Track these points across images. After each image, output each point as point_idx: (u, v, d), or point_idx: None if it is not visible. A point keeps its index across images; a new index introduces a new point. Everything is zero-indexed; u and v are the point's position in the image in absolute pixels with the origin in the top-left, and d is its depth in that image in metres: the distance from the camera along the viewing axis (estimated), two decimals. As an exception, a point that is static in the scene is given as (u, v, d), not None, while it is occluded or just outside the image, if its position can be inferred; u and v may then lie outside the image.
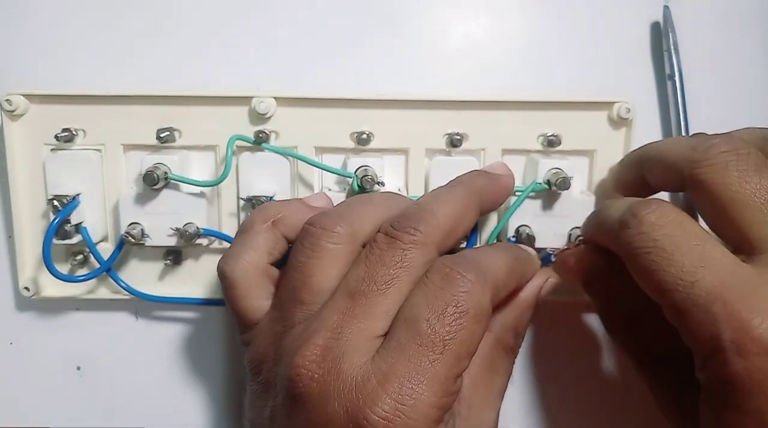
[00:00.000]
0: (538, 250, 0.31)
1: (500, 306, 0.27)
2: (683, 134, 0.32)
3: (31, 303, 0.34)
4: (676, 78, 0.32)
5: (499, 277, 0.25)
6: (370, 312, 0.23)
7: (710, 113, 0.33)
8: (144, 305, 0.34)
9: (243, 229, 0.27)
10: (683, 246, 0.22)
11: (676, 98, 0.32)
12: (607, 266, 0.29)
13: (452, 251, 0.26)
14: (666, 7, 0.32)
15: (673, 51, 0.32)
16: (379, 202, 0.27)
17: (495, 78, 0.33)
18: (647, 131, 0.33)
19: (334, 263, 0.24)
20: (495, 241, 0.32)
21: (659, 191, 0.28)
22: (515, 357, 0.28)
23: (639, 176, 0.28)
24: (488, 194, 0.28)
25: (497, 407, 0.27)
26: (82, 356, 0.35)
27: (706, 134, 0.27)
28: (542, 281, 0.29)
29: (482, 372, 0.26)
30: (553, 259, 0.31)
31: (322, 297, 0.24)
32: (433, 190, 0.28)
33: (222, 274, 0.26)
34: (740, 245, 0.23)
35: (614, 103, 0.31)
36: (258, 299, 0.26)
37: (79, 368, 0.35)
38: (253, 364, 0.26)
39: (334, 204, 0.29)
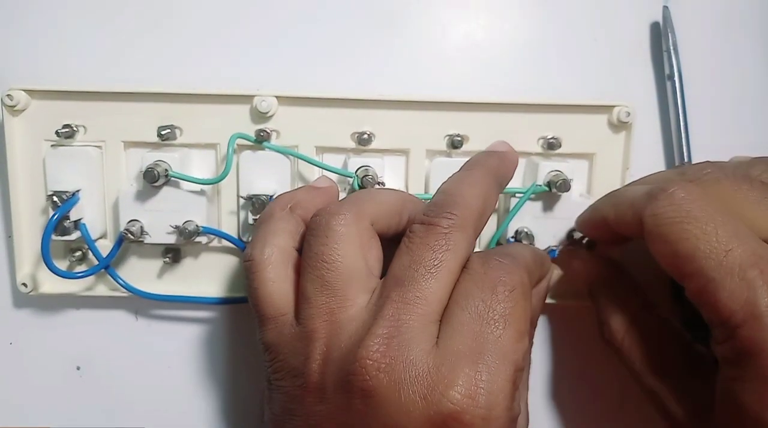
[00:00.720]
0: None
1: None
2: (683, 133, 0.32)
3: (29, 300, 0.34)
4: (676, 78, 0.32)
5: (528, 263, 0.26)
6: (424, 297, 0.23)
7: (710, 113, 0.33)
8: (143, 304, 0.34)
9: (263, 219, 0.28)
10: (717, 218, 0.23)
11: (675, 99, 0.32)
12: (611, 274, 0.29)
13: None
14: (665, 8, 0.32)
15: (672, 51, 0.32)
16: (381, 189, 0.28)
17: (495, 78, 0.33)
18: (647, 131, 0.33)
19: (350, 243, 0.25)
20: (496, 243, 0.32)
21: (620, 236, 0.28)
22: (531, 347, 0.29)
23: (603, 218, 0.28)
24: (503, 171, 0.29)
25: (525, 397, 0.27)
26: (82, 356, 0.35)
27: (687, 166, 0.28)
28: (550, 273, 0.30)
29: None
30: (556, 255, 0.31)
31: (351, 280, 0.24)
32: (451, 176, 0.28)
33: (250, 258, 0.26)
34: None
35: (614, 106, 0.31)
36: (286, 282, 0.26)
37: (79, 368, 0.35)
38: (287, 371, 0.25)
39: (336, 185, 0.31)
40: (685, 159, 0.32)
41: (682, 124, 0.32)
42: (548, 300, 0.33)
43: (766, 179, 0.25)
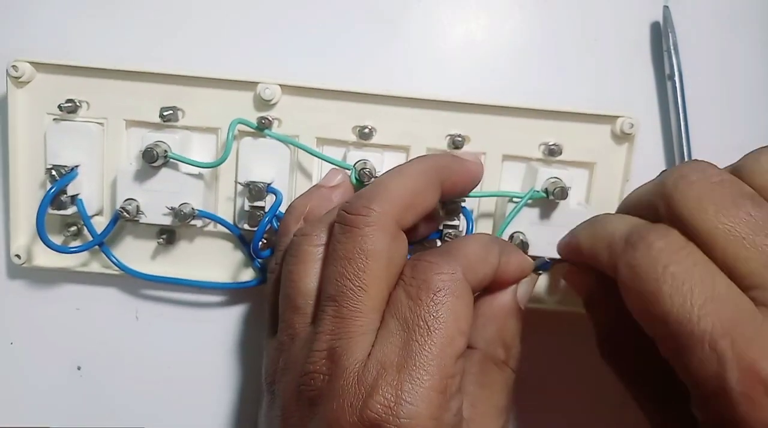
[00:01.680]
0: (532, 258, 0.31)
1: (481, 319, 0.27)
2: (683, 133, 0.32)
3: (23, 273, 0.34)
4: (676, 78, 0.32)
5: (468, 256, 0.24)
6: (357, 310, 0.23)
7: (710, 113, 0.33)
8: (136, 284, 0.34)
9: (281, 232, 0.29)
10: (693, 277, 0.21)
11: (675, 98, 0.32)
12: (605, 288, 0.29)
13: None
14: (666, 7, 0.32)
15: (673, 51, 0.32)
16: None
17: (496, 75, 0.33)
18: (647, 131, 0.33)
19: (317, 264, 0.25)
20: None
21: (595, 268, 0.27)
22: (513, 371, 0.27)
23: (578, 247, 0.27)
24: (451, 173, 0.27)
25: (500, 424, 0.26)
26: (82, 356, 0.35)
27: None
28: (515, 286, 0.28)
29: (477, 389, 0.25)
30: (549, 267, 0.31)
31: (312, 299, 0.25)
32: (391, 168, 0.27)
33: (272, 272, 0.28)
34: (730, 279, 0.21)
35: (618, 117, 0.31)
36: None
37: (79, 368, 0.35)
38: (267, 376, 0.27)
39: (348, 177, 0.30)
40: (685, 158, 0.32)
41: (682, 124, 0.32)
42: (551, 307, 0.33)
43: (761, 188, 0.22)
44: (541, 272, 0.31)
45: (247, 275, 0.33)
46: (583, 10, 0.33)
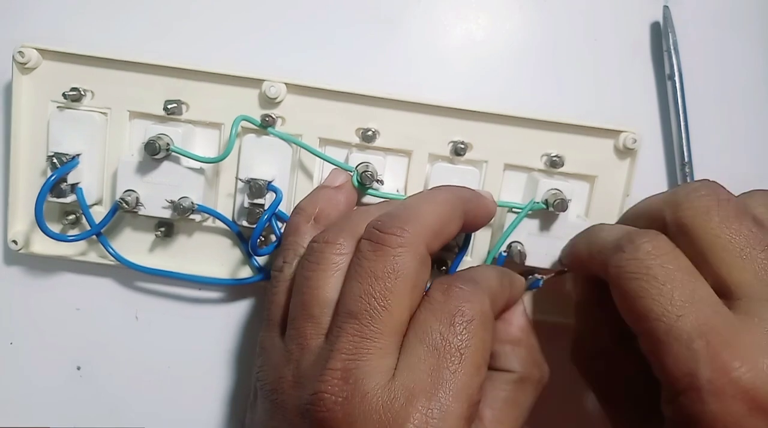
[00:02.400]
0: (528, 271, 0.31)
1: (509, 345, 0.28)
2: (683, 134, 0.32)
3: (19, 259, 0.34)
4: (676, 78, 0.32)
5: (492, 286, 0.25)
6: (379, 331, 0.23)
7: (710, 113, 0.33)
8: (132, 276, 0.34)
9: (290, 232, 0.28)
10: (675, 279, 0.22)
11: (675, 98, 0.32)
12: (593, 298, 0.29)
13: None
14: (666, 7, 0.32)
15: (673, 51, 0.32)
16: (377, 211, 0.27)
17: (495, 74, 0.33)
18: (647, 131, 0.33)
19: (338, 273, 0.25)
20: (492, 260, 0.31)
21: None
22: (543, 387, 0.28)
23: (578, 256, 0.28)
24: (472, 206, 0.28)
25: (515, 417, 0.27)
26: (82, 356, 0.35)
27: (687, 183, 0.27)
28: (522, 307, 0.29)
29: (506, 408, 0.26)
30: (541, 284, 0.31)
31: (330, 309, 0.24)
32: (415, 193, 0.28)
33: (279, 269, 0.28)
34: (719, 288, 0.23)
35: (621, 132, 0.31)
36: None
37: (79, 368, 0.35)
38: (268, 382, 0.25)
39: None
40: (685, 158, 0.32)
41: (682, 124, 0.32)
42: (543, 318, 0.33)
43: (762, 215, 0.24)
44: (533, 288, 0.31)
45: (244, 272, 0.33)
46: (583, 10, 0.33)
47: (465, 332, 0.23)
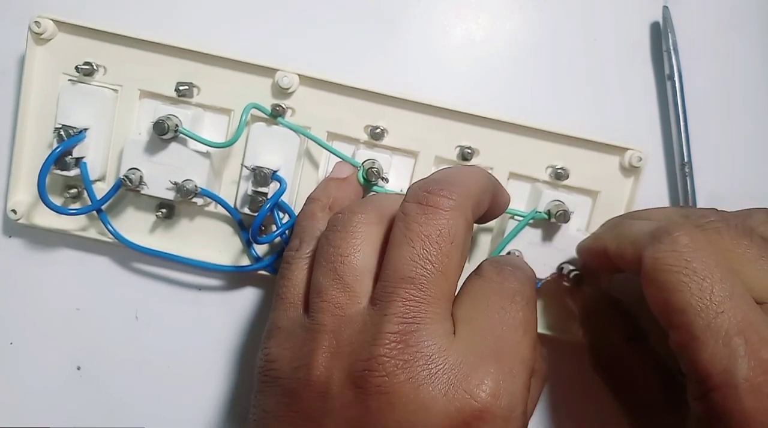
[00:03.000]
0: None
1: None
2: (682, 134, 0.32)
3: (18, 230, 0.34)
4: (676, 78, 0.32)
5: (533, 279, 0.26)
6: (436, 296, 0.23)
7: (710, 113, 0.33)
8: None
9: (305, 216, 0.29)
10: (716, 273, 0.22)
11: (675, 99, 0.32)
12: (597, 306, 0.29)
13: None
14: (665, 8, 0.32)
15: (672, 51, 0.32)
16: (399, 197, 0.27)
17: (495, 77, 0.33)
18: (648, 129, 0.33)
19: (368, 242, 0.24)
20: None
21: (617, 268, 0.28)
22: (545, 382, 0.29)
23: (604, 249, 0.28)
24: (499, 190, 0.27)
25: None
26: (82, 356, 0.35)
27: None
28: None
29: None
30: (539, 287, 0.31)
31: (362, 276, 0.24)
32: (447, 167, 0.28)
33: (293, 250, 0.27)
34: None
35: (627, 149, 0.31)
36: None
37: (79, 368, 0.35)
38: (287, 362, 0.24)
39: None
40: (685, 159, 0.32)
41: (682, 124, 0.32)
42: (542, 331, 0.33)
43: (765, 233, 0.25)
44: None
45: (243, 261, 0.33)
46: (583, 10, 0.33)
47: (525, 308, 0.24)
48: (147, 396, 0.35)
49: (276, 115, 0.31)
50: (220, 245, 0.33)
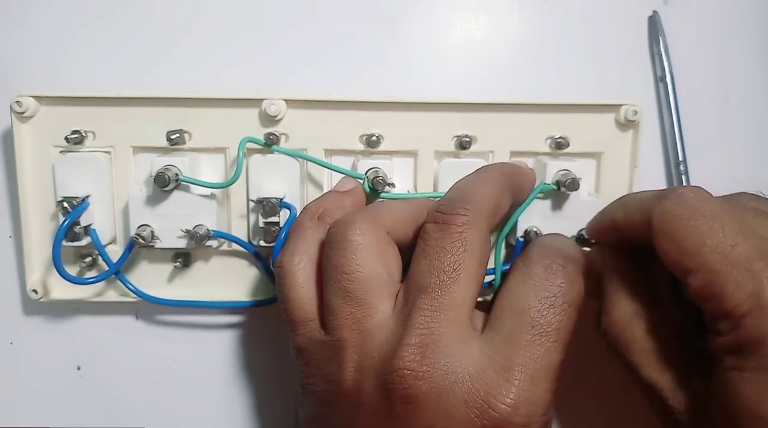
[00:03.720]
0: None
1: None
2: (676, 134, 0.33)
3: (36, 305, 0.34)
4: (668, 80, 0.33)
5: (584, 270, 0.26)
6: (449, 303, 0.23)
7: (710, 113, 0.34)
8: (152, 308, 0.34)
9: (294, 228, 0.29)
10: (724, 216, 0.23)
11: (668, 99, 0.33)
12: (625, 265, 0.29)
13: None
14: (654, 12, 0.33)
15: (663, 54, 0.33)
16: (395, 201, 0.28)
17: (495, 77, 0.33)
18: (648, 129, 0.33)
19: (368, 252, 0.25)
20: (503, 241, 0.31)
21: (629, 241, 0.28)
22: None
23: (612, 221, 0.28)
24: (517, 180, 0.29)
25: None
26: (83, 356, 0.35)
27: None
28: None
29: None
30: None
31: (372, 289, 0.25)
32: (463, 177, 0.28)
33: (280, 265, 0.27)
34: None
35: (621, 105, 0.31)
36: (312, 288, 0.26)
37: (79, 368, 0.35)
38: (319, 377, 0.25)
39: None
40: (680, 157, 0.33)
41: (675, 124, 0.33)
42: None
43: (756, 206, 0.25)
44: None
45: (263, 290, 0.33)
46: (582, 10, 0.33)
47: (564, 314, 0.24)
48: (147, 396, 0.35)
49: (271, 143, 0.31)
50: (239, 279, 0.33)
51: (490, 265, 0.32)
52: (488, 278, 0.32)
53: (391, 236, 0.26)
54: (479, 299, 0.32)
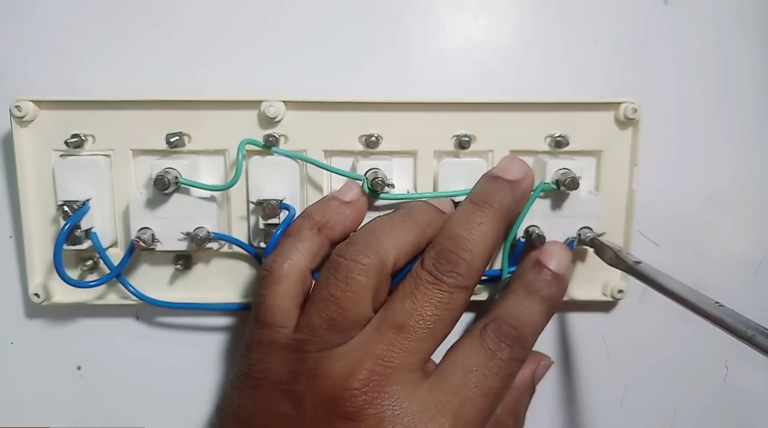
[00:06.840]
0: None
1: None
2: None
3: (37, 307, 0.34)
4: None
5: (537, 332, 0.28)
6: (417, 348, 0.25)
7: (709, 113, 0.34)
8: (153, 310, 0.34)
9: (291, 233, 0.29)
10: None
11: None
12: None
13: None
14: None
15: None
16: (399, 223, 0.28)
17: (495, 77, 0.33)
18: (648, 128, 0.33)
19: (367, 294, 0.26)
20: (509, 247, 0.31)
21: None
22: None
23: None
24: (515, 207, 0.30)
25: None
26: (83, 356, 0.35)
27: None
28: (535, 365, 0.32)
29: None
30: (574, 247, 0.31)
31: (358, 325, 0.26)
32: (464, 207, 0.29)
33: (269, 268, 0.27)
34: None
35: (621, 103, 0.31)
36: (293, 301, 0.27)
37: (79, 368, 0.35)
38: (268, 371, 0.26)
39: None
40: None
41: None
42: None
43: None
44: None
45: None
46: (582, 10, 0.33)
47: (503, 382, 0.26)
48: (147, 396, 0.35)
49: (270, 145, 0.31)
50: (240, 281, 0.33)
51: (497, 266, 0.32)
52: (487, 277, 0.32)
53: (393, 267, 0.27)
54: (475, 299, 0.32)
